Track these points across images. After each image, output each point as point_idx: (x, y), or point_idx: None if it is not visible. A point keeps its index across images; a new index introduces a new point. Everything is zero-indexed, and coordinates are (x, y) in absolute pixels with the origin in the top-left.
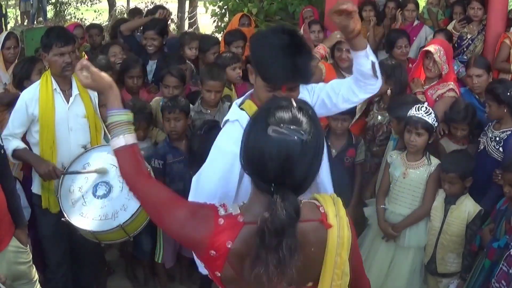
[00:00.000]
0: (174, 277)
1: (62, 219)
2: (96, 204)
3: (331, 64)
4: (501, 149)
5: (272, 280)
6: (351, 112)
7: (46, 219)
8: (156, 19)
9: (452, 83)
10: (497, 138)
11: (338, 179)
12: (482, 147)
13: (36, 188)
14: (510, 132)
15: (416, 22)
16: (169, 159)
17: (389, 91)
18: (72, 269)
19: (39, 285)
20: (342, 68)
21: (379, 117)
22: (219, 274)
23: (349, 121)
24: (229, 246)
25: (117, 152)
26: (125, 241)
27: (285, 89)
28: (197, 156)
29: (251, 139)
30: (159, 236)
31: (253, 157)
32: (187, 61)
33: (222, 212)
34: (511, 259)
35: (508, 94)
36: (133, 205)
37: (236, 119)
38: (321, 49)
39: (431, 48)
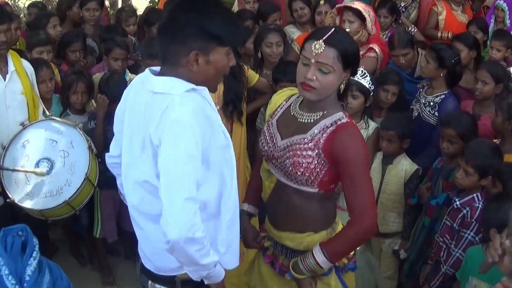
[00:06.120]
0: (119, 252)
1: (8, 200)
2: (40, 182)
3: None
4: (436, 113)
5: None
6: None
7: None
8: None
9: (375, 44)
10: (431, 103)
11: None
12: (416, 114)
13: None
14: (443, 95)
15: None
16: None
17: None
18: None
19: None
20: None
21: None
22: None
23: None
24: None
25: None
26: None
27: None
28: None
29: None
30: (96, 210)
31: None
32: (129, 35)
33: None
34: (454, 213)
35: (453, 61)
36: (77, 179)
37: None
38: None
39: (359, 6)
